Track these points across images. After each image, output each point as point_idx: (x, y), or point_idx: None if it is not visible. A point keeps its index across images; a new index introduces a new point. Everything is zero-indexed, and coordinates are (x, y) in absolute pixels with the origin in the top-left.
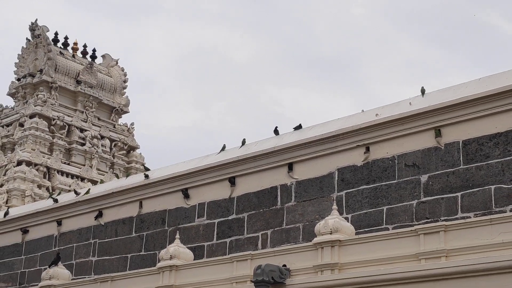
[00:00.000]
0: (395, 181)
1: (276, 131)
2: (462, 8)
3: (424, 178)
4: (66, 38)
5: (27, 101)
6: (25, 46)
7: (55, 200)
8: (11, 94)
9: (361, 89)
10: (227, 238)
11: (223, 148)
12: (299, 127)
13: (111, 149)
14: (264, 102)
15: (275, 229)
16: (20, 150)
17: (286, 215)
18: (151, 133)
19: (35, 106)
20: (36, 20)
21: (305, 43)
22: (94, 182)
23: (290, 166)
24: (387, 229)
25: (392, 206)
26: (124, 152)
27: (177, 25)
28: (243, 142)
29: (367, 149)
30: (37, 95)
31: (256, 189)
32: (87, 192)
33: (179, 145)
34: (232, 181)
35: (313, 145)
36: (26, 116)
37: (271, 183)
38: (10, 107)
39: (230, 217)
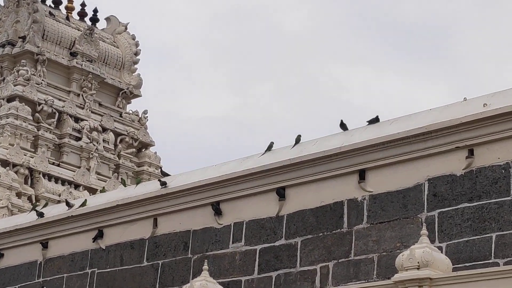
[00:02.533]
0: (509, 198)
1: (343, 126)
2: None
3: None
4: None
5: (4, 79)
6: (2, 5)
7: (40, 214)
8: None
9: (459, 69)
10: (273, 271)
11: (269, 148)
12: (375, 120)
13: (116, 146)
14: (325, 85)
15: (340, 260)
16: None
17: (355, 241)
18: (170, 125)
19: (14, 85)
20: None
21: (380, 5)
22: (92, 191)
23: (362, 174)
24: (497, 264)
25: (505, 232)
26: (134, 150)
27: None
28: (297, 140)
29: (470, 153)
30: (17, 71)
31: (314, 205)
32: (83, 204)
33: (208, 143)
34: (281, 193)
35: (395, 145)
36: (3, 99)
37: (334, 197)
38: None
39: (277, 243)
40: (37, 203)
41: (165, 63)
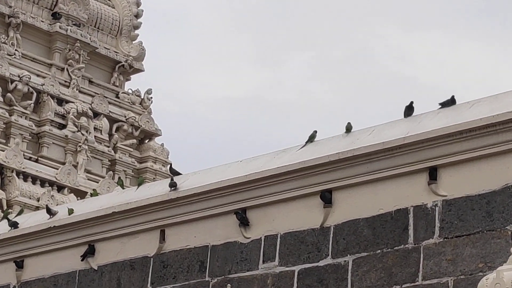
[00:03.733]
0: None
1: (409, 109)
2: None
3: None
4: None
5: None
6: None
7: (13, 224)
8: None
9: None
10: None
11: (311, 139)
12: (450, 102)
13: (111, 135)
14: (380, 56)
15: (404, 286)
16: None
17: (423, 261)
18: (180, 109)
19: None
20: None
21: None
22: (81, 194)
23: (433, 173)
24: None
25: None
26: (134, 141)
27: None
28: (348, 129)
29: None
30: None
31: (370, 214)
32: (70, 212)
33: (229, 132)
34: (326, 197)
35: (476, 135)
36: None
37: (397, 203)
38: None
39: (321, 263)
40: (10, 210)
41: (172, 30)
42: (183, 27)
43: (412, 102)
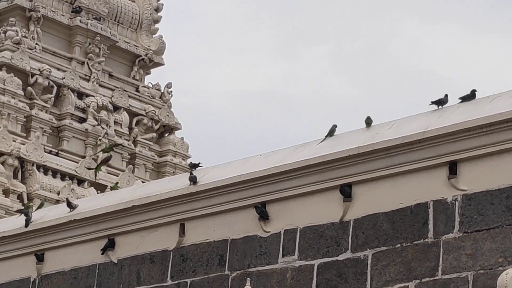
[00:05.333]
0: None
1: (440, 102)
2: None
3: None
4: None
5: None
6: None
7: (30, 218)
8: None
9: None
10: None
11: (331, 133)
12: (470, 96)
13: (131, 129)
14: (397, 50)
15: (423, 280)
16: None
17: (443, 255)
18: (198, 103)
19: (1, 51)
20: None
21: None
22: (100, 187)
23: (453, 168)
24: None
25: None
26: (154, 135)
27: None
28: (368, 123)
29: None
30: (4, 32)
31: (390, 208)
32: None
33: (248, 125)
34: (346, 191)
35: (497, 130)
36: None
37: (417, 198)
38: None
39: (341, 257)
40: (30, 204)
41: (191, 24)
42: (202, 21)
43: (447, 95)
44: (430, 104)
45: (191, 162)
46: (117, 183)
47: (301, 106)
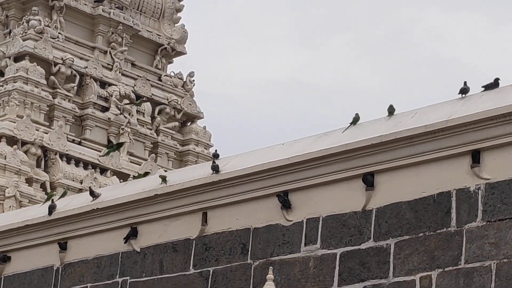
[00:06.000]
0: None
1: (464, 90)
2: None
3: None
4: None
5: (10, 32)
6: None
7: (54, 207)
8: None
9: None
10: (358, 282)
11: (354, 122)
12: (493, 85)
13: (153, 118)
14: (420, 36)
15: (446, 269)
16: None
17: (466, 244)
18: (222, 92)
19: (24, 40)
20: None
21: None
22: (123, 176)
23: (476, 156)
24: None
25: None
26: (177, 124)
27: None
28: (391, 112)
29: None
30: (27, 22)
31: (412, 197)
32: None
33: (271, 114)
34: (368, 180)
35: None
36: (9, 58)
37: (439, 187)
38: None
39: (363, 246)
40: (53, 192)
41: (214, 13)
42: (225, 10)
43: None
44: (459, 94)
45: (214, 152)
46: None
47: (323, 94)
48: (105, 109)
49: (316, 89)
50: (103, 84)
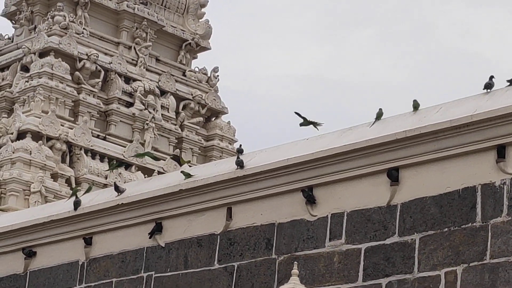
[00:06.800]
0: None
1: (489, 85)
2: None
3: None
4: None
5: (35, 27)
6: None
7: (79, 202)
8: (8, 14)
9: None
10: (383, 277)
11: (379, 116)
12: None
13: (178, 113)
14: (444, 31)
15: (471, 264)
16: (23, 113)
17: (491, 239)
18: (246, 87)
19: (48, 36)
20: None
21: None
22: (147, 172)
23: (501, 151)
24: None
25: None
26: (201, 119)
27: None
28: (415, 107)
29: None
30: (52, 17)
31: (437, 192)
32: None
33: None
34: (393, 175)
35: None
36: (34, 54)
37: (464, 182)
38: (6, 37)
39: (388, 241)
40: (78, 188)
41: (237, 8)
42: (248, 5)
43: (491, 80)
44: (484, 89)
45: (238, 148)
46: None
47: (347, 89)
48: (129, 105)
49: (339, 84)
50: (128, 80)
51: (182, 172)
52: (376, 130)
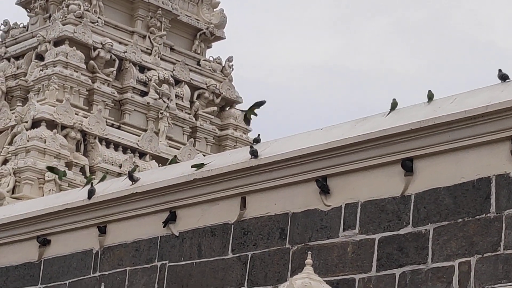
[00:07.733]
0: None
1: (504, 76)
2: None
3: None
4: None
5: (50, 16)
6: None
7: (94, 191)
8: (23, 3)
9: None
10: (397, 268)
11: (393, 107)
12: None
13: (192, 103)
14: (459, 21)
15: (485, 255)
16: (38, 102)
17: (505, 230)
18: (260, 77)
19: (63, 25)
20: None
21: None
22: (162, 161)
23: None
24: None
25: None
26: (215, 109)
27: None
28: (430, 97)
29: None
30: (67, 6)
31: (451, 182)
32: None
33: (310, 99)
34: (407, 165)
35: None
36: (48, 43)
37: (479, 172)
38: (21, 25)
39: (402, 231)
40: (93, 176)
41: None
42: None
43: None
44: (499, 79)
45: (256, 137)
46: (175, 156)
47: (361, 79)
48: (144, 94)
49: (353, 73)
50: (142, 69)
51: (192, 166)
52: (390, 120)
